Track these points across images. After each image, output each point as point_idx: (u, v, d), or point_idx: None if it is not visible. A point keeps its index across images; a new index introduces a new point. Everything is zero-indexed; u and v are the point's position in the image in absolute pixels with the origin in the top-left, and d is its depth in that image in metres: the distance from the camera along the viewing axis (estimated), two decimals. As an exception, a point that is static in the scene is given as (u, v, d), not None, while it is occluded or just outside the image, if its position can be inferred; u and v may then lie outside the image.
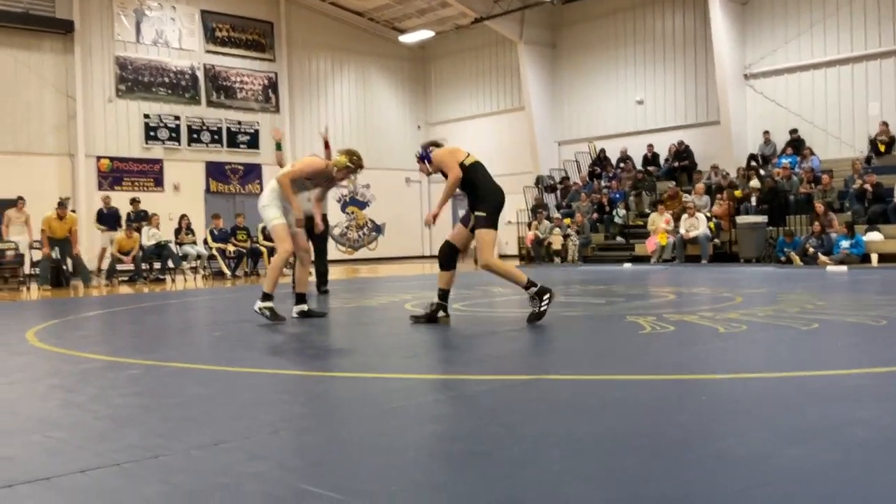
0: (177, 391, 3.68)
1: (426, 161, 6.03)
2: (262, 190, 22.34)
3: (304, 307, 6.70)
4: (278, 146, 9.48)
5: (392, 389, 3.60)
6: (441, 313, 6.02)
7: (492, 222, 5.85)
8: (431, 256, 23.53)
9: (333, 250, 24.00)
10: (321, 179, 6.80)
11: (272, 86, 22.88)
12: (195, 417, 3.09)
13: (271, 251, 16.67)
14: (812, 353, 4.37)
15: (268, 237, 16.77)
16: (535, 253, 18.43)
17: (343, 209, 24.47)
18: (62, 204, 14.08)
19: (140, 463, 2.41)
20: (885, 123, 15.98)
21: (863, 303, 6.85)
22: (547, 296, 5.74)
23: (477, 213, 5.87)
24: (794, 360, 4.14)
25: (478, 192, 5.89)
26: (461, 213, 6.80)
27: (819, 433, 2.59)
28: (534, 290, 5.76)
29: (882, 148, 15.87)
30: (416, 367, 4.27)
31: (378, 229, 25.07)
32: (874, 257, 13.25)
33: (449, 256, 6.06)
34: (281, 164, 9.44)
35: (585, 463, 2.35)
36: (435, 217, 6.11)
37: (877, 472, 2.16)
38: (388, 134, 25.43)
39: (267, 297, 6.36)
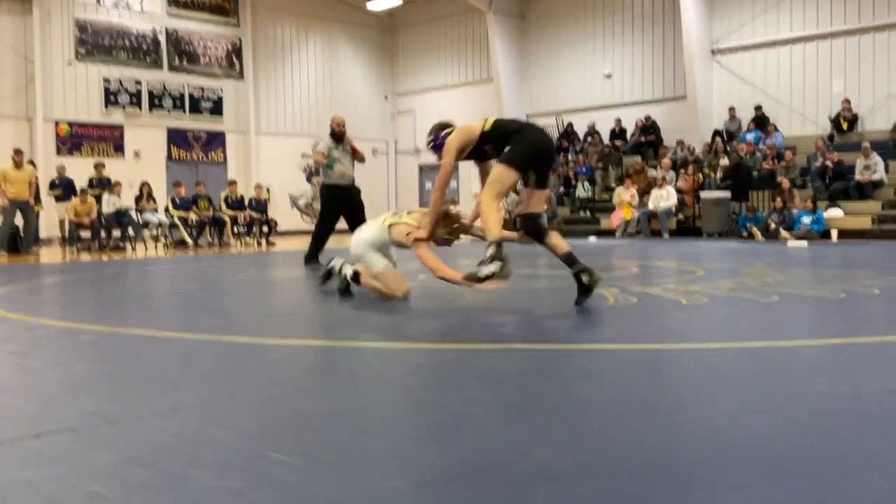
0: (134, 358, 3.61)
1: (440, 150, 5.03)
2: (225, 159, 22.19)
3: None
4: (329, 165, 9.09)
5: (352, 358, 3.57)
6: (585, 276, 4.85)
7: (512, 160, 4.66)
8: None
9: (298, 220, 23.83)
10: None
11: (236, 51, 22.49)
12: (152, 384, 3.03)
13: (234, 220, 16.50)
14: (772, 325, 4.42)
15: (231, 206, 16.59)
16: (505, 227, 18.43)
17: (308, 180, 24.23)
18: (18, 151, 13.67)
19: (95, 429, 2.36)
20: (847, 101, 16.18)
21: (822, 277, 6.96)
22: (499, 266, 4.50)
23: (504, 152, 4.74)
24: (755, 332, 4.18)
25: (507, 140, 4.74)
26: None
27: (778, 403, 2.62)
28: (492, 250, 4.55)
29: (844, 125, 16.08)
30: (377, 335, 4.24)
31: (344, 200, 24.89)
32: (834, 233, 13.48)
33: (533, 229, 5.08)
34: (318, 164, 9.22)
35: (548, 431, 2.35)
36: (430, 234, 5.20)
37: (834, 442, 2.19)
38: (354, 103, 25.15)
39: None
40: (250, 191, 18.74)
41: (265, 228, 16.84)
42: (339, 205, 9.17)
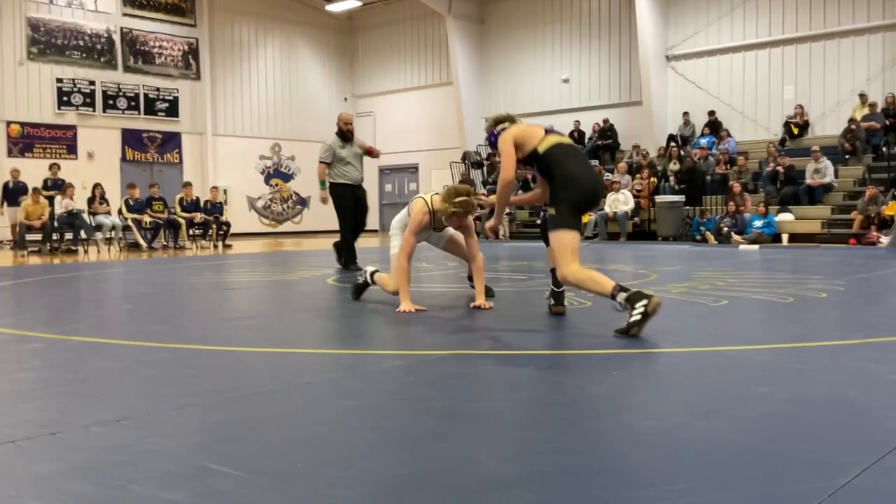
0: (80, 365, 3.54)
1: (495, 145, 4.69)
2: (181, 160, 21.89)
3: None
4: (322, 184, 8.98)
5: (305, 364, 3.54)
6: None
7: (567, 221, 4.30)
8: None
9: (256, 223, 23.61)
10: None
11: (193, 52, 22.20)
12: (97, 393, 2.98)
13: (190, 223, 16.29)
14: (720, 328, 4.48)
15: (186, 209, 16.37)
16: (460, 228, 18.47)
17: (267, 181, 24.05)
18: None
19: (36, 439, 2.31)
20: (799, 107, 16.52)
21: (772, 281, 7.08)
22: (642, 304, 4.03)
23: (549, 212, 4.45)
24: (703, 336, 4.24)
25: (555, 181, 4.38)
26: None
27: (723, 407, 2.66)
28: (623, 295, 4.12)
29: (795, 131, 16.41)
30: (331, 342, 4.22)
31: (303, 202, 24.75)
32: (785, 237, 13.74)
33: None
34: (321, 176, 8.99)
35: (497, 436, 2.36)
36: (495, 229, 5.13)
37: (777, 444, 2.23)
38: (313, 105, 25.01)
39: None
40: (207, 193, 18.51)
41: (221, 231, 16.65)
42: (351, 201, 8.94)
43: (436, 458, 2.14)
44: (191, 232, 16.42)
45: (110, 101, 20.49)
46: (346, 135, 8.99)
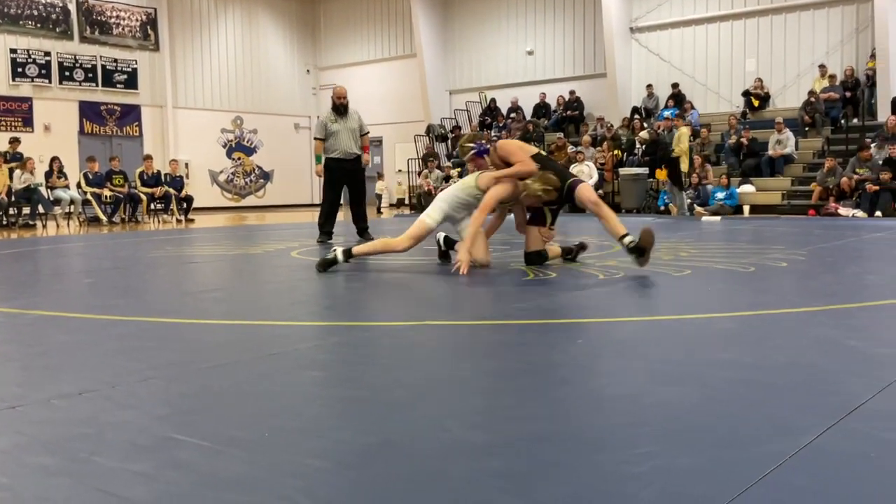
0: (40, 339, 3.48)
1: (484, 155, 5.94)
2: (140, 133, 21.49)
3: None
4: (318, 159, 9.02)
5: (271, 336, 3.52)
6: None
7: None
8: (321, 205, 23.20)
9: (219, 196, 23.34)
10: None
11: (151, 22, 21.75)
12: (59, 366, 2.93)
13: (151, 197, 16.04)
14: (683, 297, 4.54)
15: (146, 183, 16.11)
16: (426, 202, 18.45)
17: (229, 155, 23.75)
18: None
19: (-5, 414, 2.27)
20: (759, 80, 16.68)
21: (734, 251, 7.17)
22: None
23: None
24: (667, 305, 4.29)
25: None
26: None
27: (688, 373, 2.69)
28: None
29: (756, 103, 16.59)
30: (297, 314, 4.19)
31: (266, 176, 24.51)
32: (746, 208, 13.92)
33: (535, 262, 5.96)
34: (317, 151, 9.02)
35: (464, 405, 2.37)
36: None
37: (739, 409, 2.26)
38: (275, 77, 24.69)
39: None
40: (167, 166, 18.23)
41: (183, 205, 16.42)
42: (342, 177, 9.00)
43: (403, 426, 2.14)
44: (152, 206, 16.18)
45: (66, 73, 20.03)
46: (339, 109, 9.01)
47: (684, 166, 14.11)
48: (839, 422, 2.09)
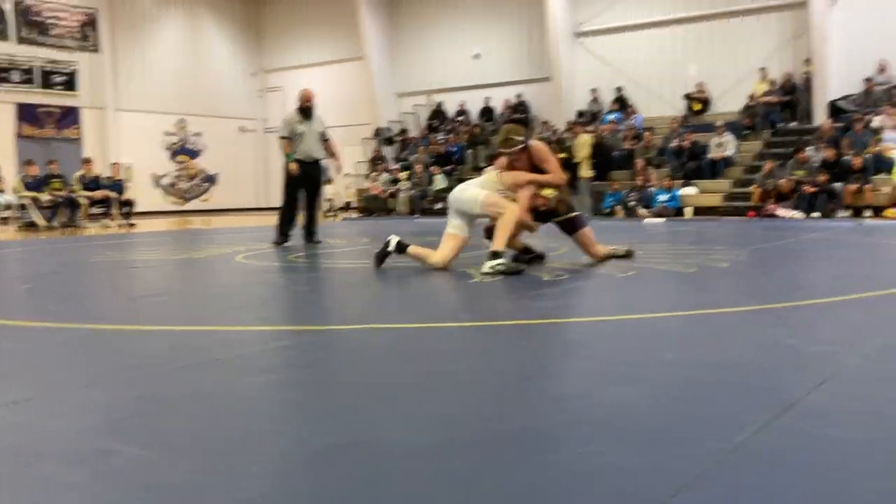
0: (-26, 349, 3.37)
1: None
2: (80, 136, 20.97)
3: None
4: (289, 157, 8.94)
5: (214, 342, 3.46)
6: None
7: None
8: (267, 208, 22.96)
9: (162, 201, 22.93)
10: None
11: (91, 23, 21.27)
12: (-7, 376, 2.84)
13: (92, 201, 15.67)
14: (629, 298, 4.60)
15: (86, 186, 15.74)
16: (374, 205, 18.39)
17: (173, 158, 23.36)
18: None
19: (-76, 426, 2.19)
20: (699, 84, 17.04)
21: (676, 252, 7.31)
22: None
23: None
24: (612, 306, 4.35)
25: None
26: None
27: (632, 372, 2.73)
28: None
29: (698, 107, 16.94)
30: (242, 319, 4.14)
31: (211, 179, 24.16)
32: (689, 210, 14.19)
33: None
34: (285, 150, 8.94)
35: (409, 408, 2.36)
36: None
37: (679, 407, 2.31)
38: (220, 80, 24.37)
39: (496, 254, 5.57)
40: (108, 169, 17.85)
41: (123, 209, 16.08)
42: (302, 180, 8.95)
43: (350, 430, 2.13)
44: (92, 210, 15.82)
45: (3, 74, 19.48)
46: (306, 111, 9.00)
47: (585, 172, 14.54)
48: (775, 419, 2.14)
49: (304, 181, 8.99)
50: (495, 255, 5.50)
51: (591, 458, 1.87)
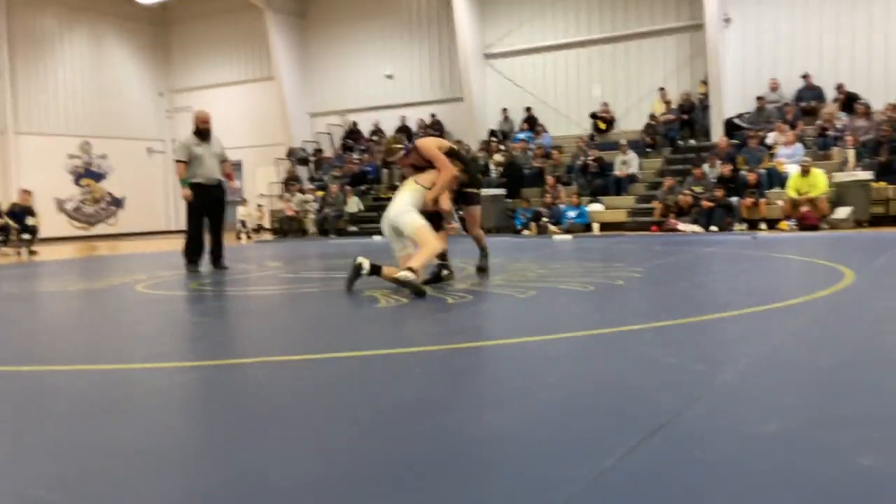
0: None
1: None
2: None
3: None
4: (183, 183, 8.74)
5: (94, 382, 3.38)
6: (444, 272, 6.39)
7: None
8: (178, 231, 22.47)
9: (66, 226, 22.18)
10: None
11: (-13, 44, 20.51)
12: None
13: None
14: (524, 320, 4.70)
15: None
16: (288, 227, 18.22)
17: (77, 182, 22.65)
18: None
19: None
20: (605, 104, 17.55)
21: (578, 270, 7.49)
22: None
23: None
24: (507, 329, 4.44)
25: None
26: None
27: (511, 398, 2.81)
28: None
29: (603, 126, 17.43)
30: (130, 356, 4.05)
31: (118, 203, 23.51)
32: (596, 226, 14.55)
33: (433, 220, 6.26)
34: (180, 175, 8.75)
35: (297, 444, 2.37)
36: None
37: (552, 432, 2.38)
38: (127, 101, 23.80)
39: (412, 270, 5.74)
40: (9, 195, 17.17)
41: (25, 236, 15.49)
42: (205, 203, 8.81)
43: (235, 469, 2.13)
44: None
45: None
46: (202, 133, 8.86)
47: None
48: (643, 441, 2.23)
49: (207, 204, 8.87)
50: (411, 270, 5.70)
51: (462, 490, 1.92)
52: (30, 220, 15.38)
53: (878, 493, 1.86)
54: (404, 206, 6.15)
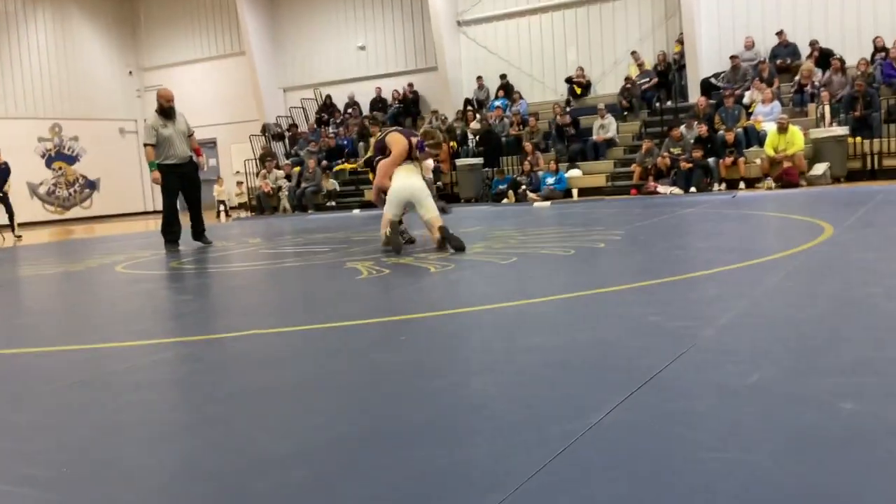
0: None
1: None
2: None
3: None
4: (152, 166, 8.64)
5: (76, 362, 3.35)
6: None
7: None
8: (155, 212, 22.28)
9: (40, 210, 21.90)
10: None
11: (-51, 26, 20.06)
12: None
13: None
14: (507, 285, 4.72)
15: None
16: (265, 204, 18.10)
17: (49, 165, 22.34)
18: None
19: None
20: (580, 68, 17.47)
21: (559, 235, 7.51)
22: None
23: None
24: (491, 294, 4.45)
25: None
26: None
27: (498, 361, 2.82)
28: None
29: (579, 91, 17.36)
30: (115, 335, 4.03)
31: (92, 185, 23.24)
32: (575, 192, 14.57)
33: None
34: (150, 158, 8.71)
35: (286, 412, 2.38)
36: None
37: (540, 391, 2.40)
38: (95, 81, 23.42)
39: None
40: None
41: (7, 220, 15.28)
42: (177, 181, 8.82)
43: (215, 441, 2.13)
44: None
45: None
46: (167, 112, 8.77)
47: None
48: (629, 396, 2.26)
49: (183, 182, 8.84)
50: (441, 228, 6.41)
51: (448, 452, 1.93)
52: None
53: (859, 435, 1.89)
54: (427, 191, 6.74)
